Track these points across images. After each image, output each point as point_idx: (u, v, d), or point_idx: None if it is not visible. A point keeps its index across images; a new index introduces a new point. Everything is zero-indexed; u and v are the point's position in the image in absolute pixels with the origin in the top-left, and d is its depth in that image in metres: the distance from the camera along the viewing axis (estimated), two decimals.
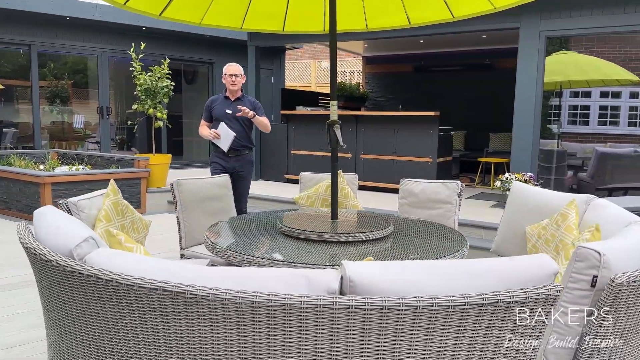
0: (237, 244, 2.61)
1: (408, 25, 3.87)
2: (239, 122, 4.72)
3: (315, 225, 2.81)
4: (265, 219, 3.29)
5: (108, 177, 6.95)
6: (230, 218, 3.29)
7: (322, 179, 4.28)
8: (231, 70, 4.70)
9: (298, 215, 3.17)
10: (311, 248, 2.51)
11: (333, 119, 2.85)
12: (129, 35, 10.00)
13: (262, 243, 2.64)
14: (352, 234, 2.63)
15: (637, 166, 8.63)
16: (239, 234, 2.91)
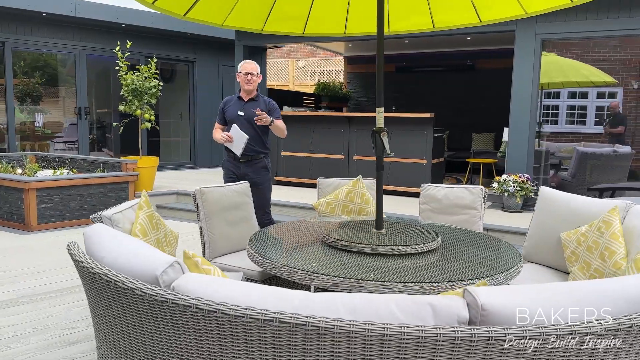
0: (291, 258, 2.49)
1: (431, 29, 3.82)
2: (252, 125, 4.32)
3: (365, 237, 2.72)
4: (304, 228, 3.16)
5: (95, 182, 6.67)
6: (265, 228, 3.16)
7: (341, 184, 4.19)
8: (247, 68, 4.34)
9: (340, 224, 3.06)
10: (364, 261, 2.42)
11: (379, 126, 2.75)
12: (108, 33, 9.64)
13: (316, 257, 2.53)
14: (408, 246, 2.55)
15: (614, 165, 8.86)
16: (284, 246, 2.79)
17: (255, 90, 4.45)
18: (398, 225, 3.10)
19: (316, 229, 3.16)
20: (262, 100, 4.47)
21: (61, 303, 3.97)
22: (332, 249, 2.65)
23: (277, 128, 4.38)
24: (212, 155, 11.30)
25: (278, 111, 4.49)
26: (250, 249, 2.65)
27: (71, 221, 6.61)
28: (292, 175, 8.40)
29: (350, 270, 2.29)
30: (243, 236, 3.70)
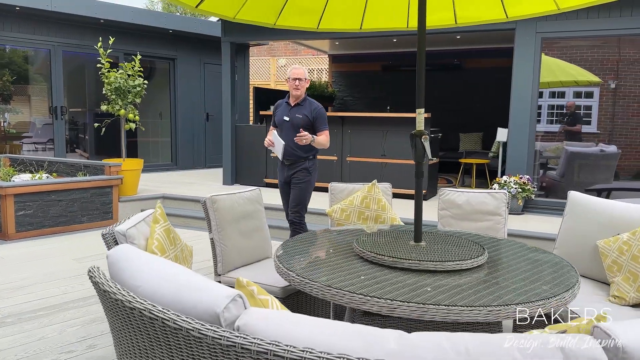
0: (333, 277, 2.23)
1: (453, 25, 3.62)
2: (295, 130, 4.27)
3: (407, 250, 2.48)
4: (333, 240, 2.91)
5: (78, 186, 6.28)
6: (291, 240, 2.89)
7: (355, 189, 3.95)
8: (295, 73, 4.32)
9: (372, 235, 2.81)
10: (413, 279, 2.19)
11: (419, 128, 2.52)
12: (84, 28, 9.16)
13: (356, 275, 2.28)
14: (459, 261, 2.33)
15: (601, 165, 8.87)
16: (317, 261, 2.53)
17: (304, 94, 4.39)
18: (434, 236, 2.87)
19: (346, 240, 2.91)
20: (309, 106, 4.38)
21: (52, 322, 3.62)
22: (371, 265, 2.41)
23: (319, 143, 4.28)
24: (194, 157, 10.92)
25: (323, 119, 4.36)
26: (283, 266, 2.38)
27: (52, 229, 6.20)
28: None
29: (403, 291, 2.05)
30: (256, 247, 3.43)
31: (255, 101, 9.20)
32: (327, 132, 4.32)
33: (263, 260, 3.48)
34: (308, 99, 4.42)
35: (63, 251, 5.50)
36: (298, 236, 3.01)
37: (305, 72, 4.38)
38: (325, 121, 4.35)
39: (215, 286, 1.43)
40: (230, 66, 8.25)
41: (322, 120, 4.33)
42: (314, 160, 4.46)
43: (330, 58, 12.25)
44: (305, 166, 4.39)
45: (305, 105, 4.37)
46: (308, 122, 4.32)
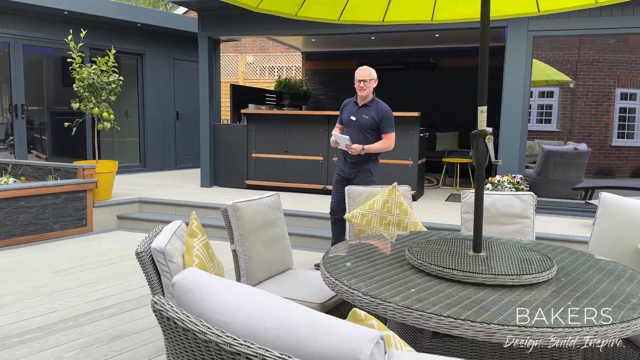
0: (406, 296, 1.99)
1: (478, 19, 3.44)
2: (362, 131, 4.35)
3: (471, 262, 2.27)
4: (379, 248, 2.65)
5: (48, 191, 5.79)
6: (335, 249, 2.62)
7: (373, 192, 3.72)
8: (360, 75, 4.39)
9: (428, 244, 2.58)
10: (483, 296, 1.99)
11: (482, 128, 2.31)
12: (47, 21, 8.54)
13: (418, 290, 2.05)
14: (534, 274, 2.13)
15: (575, 163, 9.02)
16: (369, 273, 2.27)
17: (371, 95, 4.40)
18: (486, 245, 2.67)
19: (394, 248, 2.67)
20: (375, 107, 4.38)
21: (46, 346, 3.21)
22: (432, 278, 2.18)
23: (374, 151, 4.34)
24: (164, 158, 10.42)
25: (389, 122, 4.34)
26: (336, 280, 2.12)
27: (21, 238, 5.67)
28: (264, 178, 7.81)
29: (475, 309, 1.84)
30: (279, 258, 3.15)
31: (233, 99, 8.82)
32: (391, 135, 4.33)
33: (285, 271, 3.20)
34: (376, 100, 4.41)
35: (39, 263, 5.02)
36: (341, 244, 2.76)
37: (371, 73, 4.38)
38: (391, 123, 4.34)
39: (349, 326, 1.16)
40: (207, 62, 7.86)
41: (388, 122, 4.33)
42: (376, 162, 4.49)
43: (303, 55, 11.98)
44: (368, 167, 4.42)
45: (372, 106, 4.38)
46: (374, 124, 4.34)
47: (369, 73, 4.38)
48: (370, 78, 4.36)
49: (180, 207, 6.70)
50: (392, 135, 4.35)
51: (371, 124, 4.36)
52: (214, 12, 7.67)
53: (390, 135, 4.35)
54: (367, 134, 4.37)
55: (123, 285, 4.40)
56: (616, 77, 13.11)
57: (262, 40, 15.23)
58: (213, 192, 7.66)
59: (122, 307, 3.90)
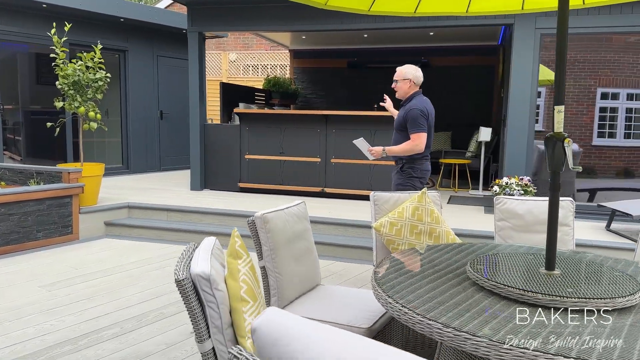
0: (493, 327, 1.71)
1: (519, 11, 3.20)
2: (395, 131, 4.20)
3: (547, 283, 2.01)
4: (435, 263, 2.36)
5: (31, 197, 5.37)
6: (387, 263, 2.32)
7: (401, 199, 3.44)
8: (395, 75, 4.16)
9: (494, 259, 2.31)
10: (584, 326, 1.73)
11: (559, 130, 2.05)
12: (23, 14, 8.02)
13: (506, 319, 1.78)
14: (627, 296, 1.88)
15: None
16: (429, 294, 1.99)
17: (408, 93, 4.14)
18: (561, 262, 2.41)
19: (448, 263, 2.39)
20: (405, 106, 4.12)
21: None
22: (507, 302, 1.91)
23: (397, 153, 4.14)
24: (148, 159, 9.96)
25: (412, 121, 4.01)
26: (403, 308, 1.83)
27: (1, 248, 5.22)
28: (258, 181, 7.47)
29: (583, 347, 1.58)
30: (308, 274, 2.84)
31: (223, 98, 8.44)
32: (415, 136, 4.00)
33: (315, 288, 2.90)
34: (415, 98, 4.12)
35: (24, 276, 4.59)
36: (387, 258, 2.46)
37: (403, 72, 4.12)
38: (415, 123, 4.00)
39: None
40: (198, 59, 7.47)
41: (412, 122, 4.00)
42: (413, 165, 4.15)
43: (291, 53, 11.65)
44: (399, 169, 4.22)
45: (406, 105, 4.13)
46: (403, 124, 4.08)
47: (401, 72, 4.12)
48: (402, 77, 4.10)
49: (173, 212, 6.32)
50: (416, 136, 3.99)
51: (399, 123, 4.11)
52: (204, 6, 7.30)
53: (415, 136, 4.00)
54: (398, 134, 4.14)
55: (119, 301, 4.03)
56: (597, 77, 13.12)
57: (245, 37, 14.83)
58: (205, 195, 7.28)
59: (123, 327, 3.53)
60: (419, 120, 4.00)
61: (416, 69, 4.17)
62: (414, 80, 4.12)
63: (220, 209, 6.19)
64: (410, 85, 4.13)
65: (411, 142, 4.03)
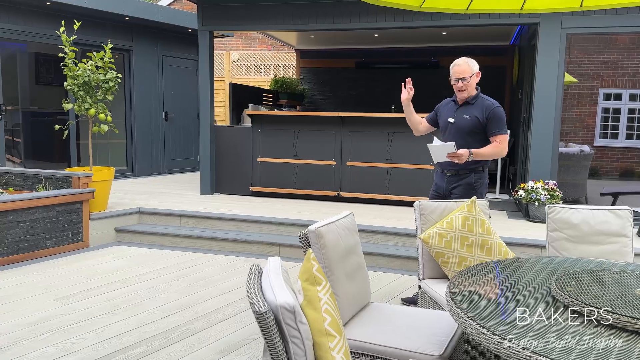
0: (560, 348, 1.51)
1: (577, 8, 3.01)
2: (462, 135, 3.62)
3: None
4: (511, 277, 2.15)
5: (41, 204, 5.13)
6: (461, 279, 2.10)
7: (448, 208, 3.24)
8: (456, 72, 3.62)
9: (574, 279, 2.10)
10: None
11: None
12: (25, 12, 7.75)
13: (577, 338, 1.58)
14: None
15: (582, 165, 8.80)
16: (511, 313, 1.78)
17: (474, 90, 3.68)
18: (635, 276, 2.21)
19: (527, 281, 2.17)
20: (480, 105, 3.60)
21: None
22: (601, 328, 1.71)
23: (486, 157, 3.59)
24: (153, 162, 9.70)
25: (499, 121, 3.54)
26: (503, 340, 1.62)
27: (10, 257, 4.97)
28: (270, 185, 7.25)
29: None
30: (361, 292, 2.64)
31: (233, 99, 8.21)
32: (503, 138, 3.56)
33: (366, 307, 2.69)
34: (481, 96, 3.67)
35: (37, 288, 4.34)
36: (462, 275, 2.25)
37: (471, 67, 3.61)
38: (502, 123, 3.57)
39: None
40: (209, 59, 7.24)
41: (497, 123, 3.55)
42: (482, 174, 3.71)
43: (297, 53, 11.43)
44: (469, 180, 3.68)
45: (476, 104, 3.63)
46: (478, 125, 3.59)
47: (469, 67, 3.59)
48: (471, 74, 3.59)
49: (186, 218, 6.08)
50: (504, 138, 3.56)
51: (473, 125, 3.60)
52: (215, 4, 7.07)
53: (502, 138, 3.55)
54: (469, 138, 3.61)
55: (142, 316, 3.80)
56: (599, 77, 13.01)
57: (247, 37, 14.60)
58: (217, 200, 7.05)
59: (150, 346, 3.30)
60: (504, 120, 3.59)
61: (474, 62, 3.71)
62: (478, 76, 3.68)
63: (237, 215, 5.96)
64: (477, 81, 3.69)
65: (498, 145, 3.56)
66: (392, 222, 5.73)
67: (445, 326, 2.39)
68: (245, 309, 3.97)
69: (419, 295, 3.18)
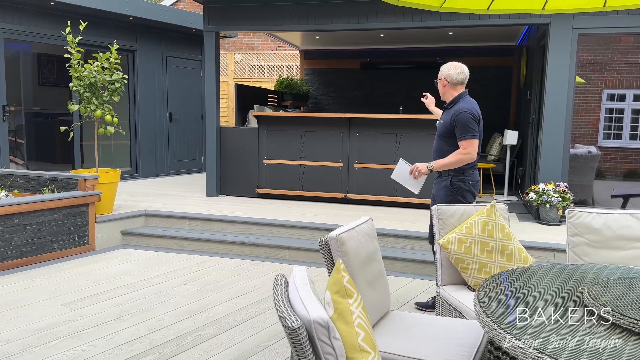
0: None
1: (600, 8, 2.94)
2: (438, 139, 3.76)
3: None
4: (539, 285, 2.08)
5: (47, 206, 5.08)
6: (484, 289, 2.02)
7: (466, 212, 3.17)
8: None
9: (606, 286, 2.03)
10: None
11: None
12: (29, 12, 7.68)
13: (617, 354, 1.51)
14: None
15: (589, 166, 8.72)
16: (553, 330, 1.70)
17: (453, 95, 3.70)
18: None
19: (559, 291, 2.10)
20: (452, 110, 3.64)
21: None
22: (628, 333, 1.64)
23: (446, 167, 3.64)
24: (157, 163, 9.64)
25: (462, 127, 3.54)
26: (532, 350, 1.55)
27: (16, 261, 4.90)
28: (277, 186, 7.18)
29: None
30: (382, 300, 2.57)
31: (238, 100, 8.14)
32: (465, 143, 3.53)
33: (387, 315, 2.62)
34: (461, 100, 3.64)
35: (44, 292, 4.28)
36: (488, 283, 2.17)
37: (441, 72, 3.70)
38: (466, 128, 3.52)
39: None
40: (215, 60, 7.17)
41: (461, 128, 3.53)
42: (462, 177, 3.64)
43: (302, 53, 11.36)
44: (446, 183, 3.68)
45: (452, 108, 3.65)
46: (448, 131, 3.62)
47: (440, 71, 3.69)
48: (440, 77, 3.70)
49: (193, 220, 6.02)
50: (467, 143, 3.52)
51: (445, 130, 3.65)
52: (220, 4, 7.00)
53: (466, 143, 3.52)
54: (443, 143, 3.68)
55: (152, 322, 3.73)
56: (603, 78, 12.92)
57: (250, 38, 14.53)
58: (223, 202, 6.98)
59: (161, 353, 3.23)
60: (469, 125, 3.53)
61: (451, 67, 3.68)
62: (448, 79, 3.66)
63: (244, 217, 5.90)
64: (446, 85, 3.68)
65: (462, 151, 3.55)
66: (401, 225, 5.67)
67: (470, 336, 2.32)
68: (255, 314, 3.90)
69: (438, 302, 3.11)
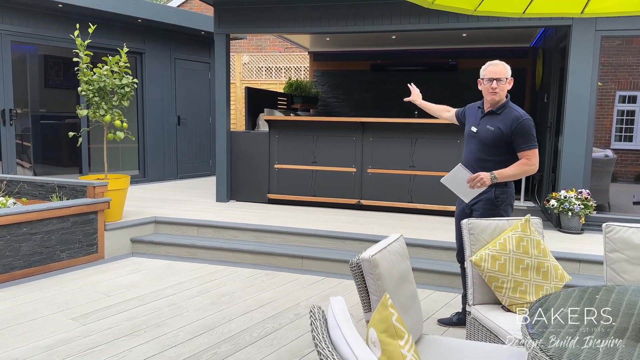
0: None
1: (638, 11, 2.77)
2: (483, 148, 3.36)
3: None
4: (589, 309, 1.90)
5: (55, 214, 4.94)
6: (535, 314, 1.86)
7: (500, 227, 3.00)
8: (492, 72, 3.29)
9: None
10: None
11: None
12: (36, 14, 7.56)
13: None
14: None
15: (605, 170, 8.52)
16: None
17: (504, 98, 3.32)
18: None
19: (612, 316, 1.93)
20: (507, 115, 3.30)
21: None
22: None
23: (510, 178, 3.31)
24: (166, 167, 9.50)
25: (527, 136, 3.24)
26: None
27: (24, 271, 4.77)
28: (288, 192, 7.03)
29: None
30: (415, 323, 2.41)
31: (248, 103, 8.00)
32: (531, 153, 3.26)
33: (421, 340, 2.46)
34: (509, 106, 3.35)
35: (52, 305, 4.13)
36: (537, 309, 2.00)
37: (507, 70, 3.32)
38: (530, 136, 3.26)
39: None
40: (225, 62, 7.02)
41: (526, 137, 3.25)
42: (505, 189, 3.39)
43: (311, 55, 11.20)
44: (489, 196, 3.38)
45: (502, 113, 3.33)
46: (502, 138, 3.30)
47: (505, 70, 3.30)
48: (507, 76, 3.30)
49: (204, 228, 5.87)
50: (533, 153, 3.25)
51: (497, 138, 3.31)
52: (231, 6, 6.85)
53: (531, 153, 3.25)
54: (491, 151, 3.34)
55: (165, 338, 3.58)
56: (617, 79, 12.70)
57: (258, 39, 14.40)
58: (234, 208, 6.83)
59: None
60: (533, 133, 3.28)
61: (507, 66, 3.42)
62: (511, 83, 3.39)
63: (256, 225, 5.74)
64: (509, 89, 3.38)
65: (527, 162, 3.27)
66: (418, 233, 5.50)
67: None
68: (272, 330, 3.75)
69: (469, 322, 2.94)
